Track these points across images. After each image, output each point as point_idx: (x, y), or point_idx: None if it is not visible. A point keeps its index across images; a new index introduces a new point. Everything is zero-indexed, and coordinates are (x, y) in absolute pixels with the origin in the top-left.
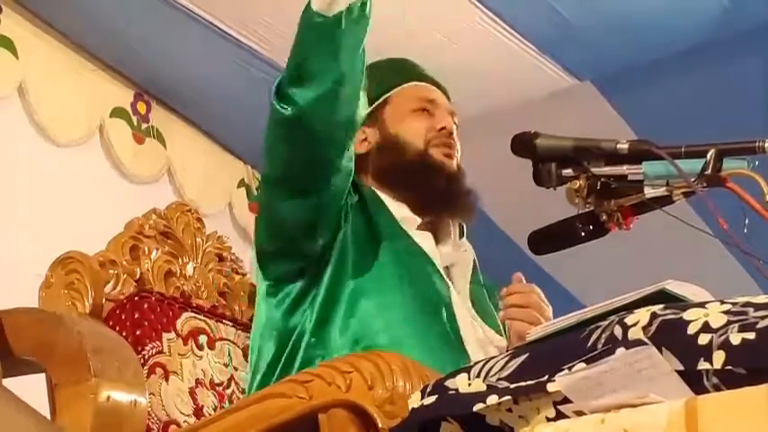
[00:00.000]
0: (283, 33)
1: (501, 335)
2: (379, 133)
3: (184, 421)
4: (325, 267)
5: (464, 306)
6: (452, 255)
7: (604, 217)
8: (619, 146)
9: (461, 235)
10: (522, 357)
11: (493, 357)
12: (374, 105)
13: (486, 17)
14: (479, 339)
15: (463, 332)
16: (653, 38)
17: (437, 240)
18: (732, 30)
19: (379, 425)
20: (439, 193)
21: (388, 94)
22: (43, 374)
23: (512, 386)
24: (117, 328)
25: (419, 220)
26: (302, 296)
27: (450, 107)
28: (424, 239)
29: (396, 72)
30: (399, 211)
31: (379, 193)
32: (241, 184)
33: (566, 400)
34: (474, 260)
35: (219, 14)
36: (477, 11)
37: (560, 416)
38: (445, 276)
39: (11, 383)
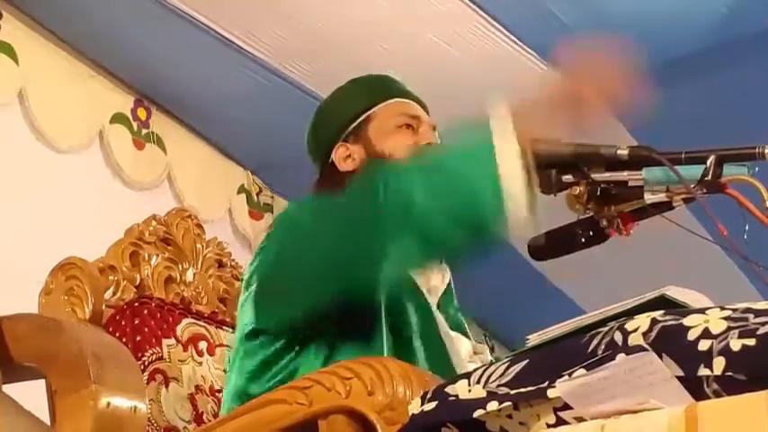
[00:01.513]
0: (285, 40)
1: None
2: (365, 150)
3: (184, 428)
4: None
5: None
6: (434, 278)
7: (604, 223)
8: (619, 151)
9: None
10: (522, 363)
11: (493, 363)
12: (357, 121)
13: (484, 21)
14: (467, 352)
15: (450, 351)
16: (653, 44)
17: None
18: (731, 36)
19: (379, 431)
20: None
21: (372, 111)
22: (43, 381)
23: (512, 392)
24: (117, 335)
25: None
26: (277, 358)
27: (432, 122)
28: None
29: (378, 88)
30: None
31: None
32: (241, 189)
33: (566, 407)
34: (450, 284)
35: (220, 20)
36: (476, 15)
37: (561, 422)
38: (430, 299)
39: (11, 390)
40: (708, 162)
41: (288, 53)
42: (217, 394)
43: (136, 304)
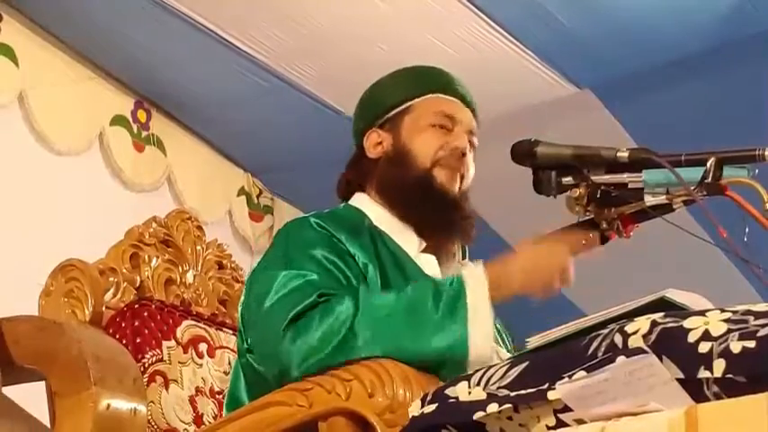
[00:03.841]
0: (285, 42)
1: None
2: (392, 141)
3: (184, 429)
4: None
5: None
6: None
7: (604, 225)
8: (619, 154)
9: (464, 255)
10: (523, 365)
11: (493, 365)
12: (395, 111)
13: (486, 25)
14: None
15: None
16: (653, 45)
17: (440, 261)
18: (732, 37)
19: None
20: (436, 218)
21: (411, 103)
22: (43, 383)
23: (512, 394)
24: (117, 336)
25: (424, 244)
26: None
27: (470, 125)
28: (428, 264)
29: (422, 80)
30: (402, 235)
31: (377, 217)
32: (241, 192)
33: (566, 409)
34: None
35: (220, 23)
36: (477, 18)
37: (561, 424)
38: None
39: (11, 392)
40: (708, 164)
41: (287, 54)
42: (217, 396)
43: (136, 306)
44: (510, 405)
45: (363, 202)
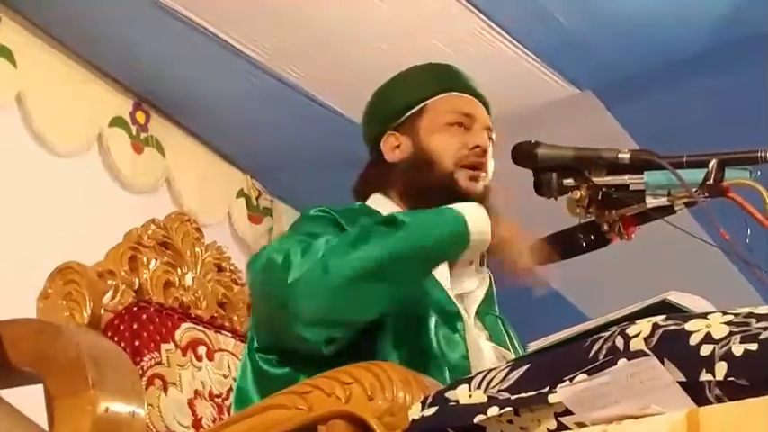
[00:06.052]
0: (284, 43)
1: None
2: (412, 143)
3: None
4: None
5: (475, 331)
6: (469, 282)
7: (606, 227)
8: (620, 155)
9: (482, 262)
10: (524, 368)
11: (493, 368)
12: (411, 112)
13: (485, 26)
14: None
15: (472, 358)
16: (654, 47)
17: (453, 267)
18: (733, 39)
19: None
20: None
21: (426, 103)
22: (41, 385)
23: (513, 397)
24: (115, 339)
25: None
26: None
27: (487, 122)
28: (438, 270)
29: (437, 79)
30: None
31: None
32: (240, 194)
33: (567, 412)
34: (490, 290)
35: (219, 23)
36: (477, 19)
37: (562, 427)
38: (457, 303)
39: (9, 394)
40: (709, 166)
41: (287, 55)
42: (216, 399)
43: (134, 309)
44: (511, 408)
45: (380, 202)
